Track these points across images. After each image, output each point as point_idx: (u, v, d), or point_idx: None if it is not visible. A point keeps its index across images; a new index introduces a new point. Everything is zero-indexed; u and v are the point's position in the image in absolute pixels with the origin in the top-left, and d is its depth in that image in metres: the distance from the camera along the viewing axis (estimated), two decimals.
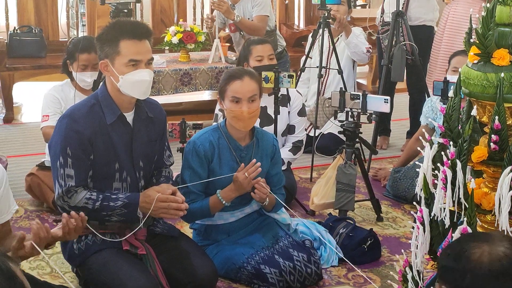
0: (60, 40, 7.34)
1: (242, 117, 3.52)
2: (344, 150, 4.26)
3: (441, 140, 2.56)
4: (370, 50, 5.74)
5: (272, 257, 3.53)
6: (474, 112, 2.47)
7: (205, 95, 7.00)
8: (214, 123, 3.89)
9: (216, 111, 4.61)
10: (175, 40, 6.02)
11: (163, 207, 3.09)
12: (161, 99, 6.33)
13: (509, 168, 2.36)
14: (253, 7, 6.02)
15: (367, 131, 5.08)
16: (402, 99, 6.21)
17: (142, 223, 3.16)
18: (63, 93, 4.56)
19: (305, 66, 5.57)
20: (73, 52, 4.50)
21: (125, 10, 4.41)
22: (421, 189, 2.62)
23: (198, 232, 3.72)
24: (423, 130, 3.15)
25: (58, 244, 3.57)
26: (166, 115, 3.40)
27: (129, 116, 3.18)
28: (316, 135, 5.25)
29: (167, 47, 6.26)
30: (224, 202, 3.51)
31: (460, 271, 1.89)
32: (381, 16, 5.76)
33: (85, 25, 7.79)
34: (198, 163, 3.54)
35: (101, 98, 3.13)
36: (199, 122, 4.19)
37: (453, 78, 4.36)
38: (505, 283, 1.86)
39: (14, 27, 6.96)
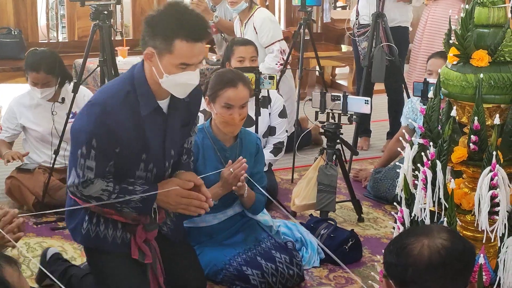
0: (40, 41, 7.30)
1: (233, 123, 3.52)
2: (325, 151, 4.27)
3: (421, 141, 2.58)
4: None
5: (254, 259, 3.53)
6: (453, 112, 2.49)
7: None
8: (199, 124, 3.88)
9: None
10: None
11: (183, 203, 2.93)
12: None
13: (488, 168, 2.38)
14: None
15: (348, 132, 5.09)
16: (381, 100, 6.24)
17: (166, 216, 3.09)
18: (23, 104, 4.58)
19: (286, 68, 5.56)
20: (25, 66, 4.49)
21: (105, 12, 4.38)
22: (401, 190, 2.63)
23: None
24: (404, 131, 3.16)
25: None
26: (202, 93, 3.19)
27: (164, 103, 2.92)
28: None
29: None
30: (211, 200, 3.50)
31: (403, 266, 1.95)
32: (356, 19, 5.77)
33: (65, 26, 7.75)
34: None
35: (137, 84, 2.84)
36: None
37: (430, 79, 4.40)
38: (445, 272, 1.93)
39: None
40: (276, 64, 5.47)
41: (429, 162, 2.48)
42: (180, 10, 2.78)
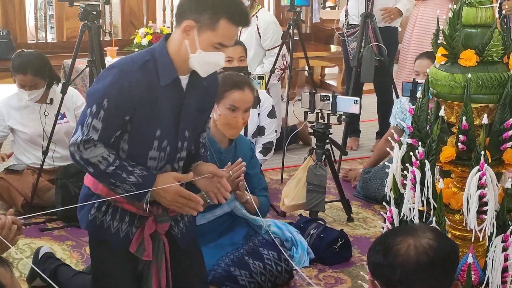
0: (28, 42, 7.28)
1: (236, 125, 3.54)
2: (314, 151, 4.27)
3: (409, 141, 2.58)
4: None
5: (242, 259, 3.53)
6: (442, 112, 2.49)
7: None
8: None
9: None
10: (144, 42, 6.02)
11: (180, 202, 2.82)
12: None
13: (476, 168, 2.39)
14: None
15: (337, 132, 5.10)
16: (371, 100, 6.25)
17: (180, 218, 3.02)
18: (11, 106, 4.55)
19: (275, 67, 5.56)
20: (12, 68, 4.47)
21: (94, 12, 4.37)
22: (390, 190, 2.63)
23: None
24: (392, 131, 3.18)
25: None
26: (218, 83, 3.15)
27: (184, 80, 2.83)
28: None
29: (136, 49, 6.24)
30: (209, 200, 3.44)
31: (390, 267, 1.94)
32: (345, 19, 5.78)
33: (53, 27, 7.74)
34: None
35: (158, 55, 2.78)
36: None
37: (418, 79, 4.41)
38: (433, 272, 1.93)
39: None
40: (276, 68, 5.48)
41: (418, 161, 2.49)
42: None
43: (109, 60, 5.79)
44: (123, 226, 2.96)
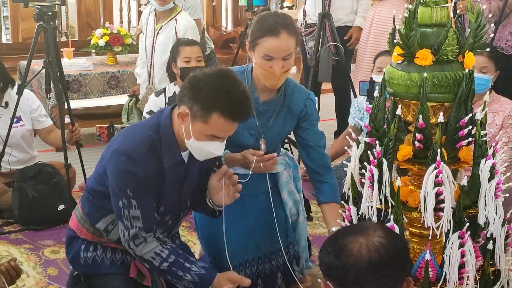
0: None
1: (273, 76, 3.06)
2: None
3: (367, 140, 2.60)
4: None
5: (272, 277, 3.43)
6: (398, 111, 2.51)
7: None
8: (242, 66, 3.30)
9: (144, 113, 4.51)
10: (101, 43, 5.96)
11: None
12: (88, 103, 6.29)
13: (433, 166, 2.41)
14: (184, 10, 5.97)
15: None
16: (329, 100, 6.28)
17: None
18: None
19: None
20: None
21: (50, 13, 4.32)
22: (349, 188, 2.65)
23: None
24: (350, 130, 3.19)
25: None
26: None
27: (185, 153, 2.81)
28: None
29: (93, 50, 6.19)
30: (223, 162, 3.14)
31: (343, 267, 1.93)
32: (303, 18, 5.81)
33: (8, 28, 7.64)
34: None
35: (163, 134, 2.72)
36: (128, 125, 4.13)
37: (378, 78, 4.44)
38: (385, 271, 1.93)
39: None
40: None
41: (375, 160, 2.51)
42: (227, 84, 2.62)
43: (65, 61, 5.73)
44: (117, 255, 2.95)
